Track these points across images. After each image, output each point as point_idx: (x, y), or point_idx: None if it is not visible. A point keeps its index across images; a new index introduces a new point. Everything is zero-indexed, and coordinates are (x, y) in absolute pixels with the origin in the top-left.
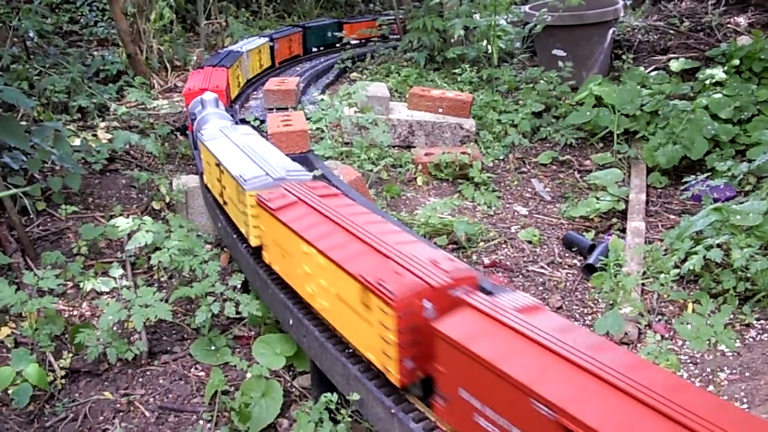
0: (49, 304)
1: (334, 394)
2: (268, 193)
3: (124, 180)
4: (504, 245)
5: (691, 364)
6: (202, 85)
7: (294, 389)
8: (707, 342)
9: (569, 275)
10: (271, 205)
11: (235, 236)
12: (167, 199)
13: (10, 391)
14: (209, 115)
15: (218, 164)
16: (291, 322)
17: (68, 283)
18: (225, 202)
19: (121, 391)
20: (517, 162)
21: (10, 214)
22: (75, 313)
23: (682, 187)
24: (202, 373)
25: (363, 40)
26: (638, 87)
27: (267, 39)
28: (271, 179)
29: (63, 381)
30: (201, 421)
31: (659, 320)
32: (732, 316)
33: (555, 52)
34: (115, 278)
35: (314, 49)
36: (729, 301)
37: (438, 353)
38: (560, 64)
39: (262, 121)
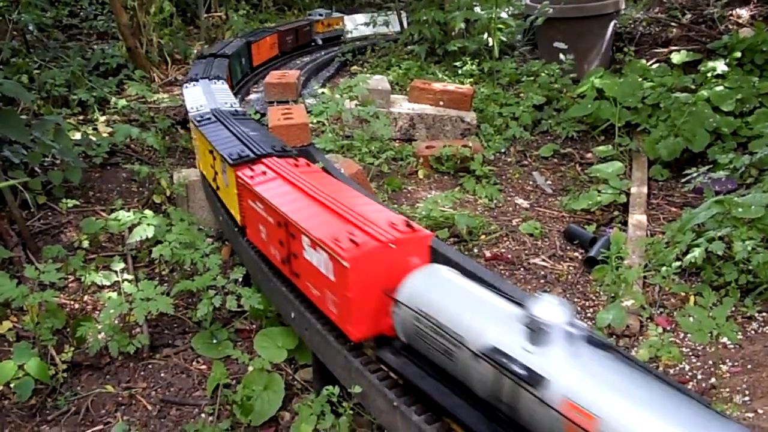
0: (50, 298)
1: (336, 386)
2: None
3: (125, 173)
4: (505, 238)
5: (693, 357)
6: (343, 210)
7: (296, 382)
8: (709, 334)
9: (571, 268)
10: None
11: (236, 229)
12: (168, 193)
13: (12, 385)
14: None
15: None
16: (293, 315)
17: (69, 276)
18: None
19: (123, 384)
20: (518, 155)
21: (11, 207)
22: (76, 306)
23: (683, 180)
24: (203, 367)
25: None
26: (640, 79)
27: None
28: None
29: (65, 375)
30: (203, 415)
31: (661, 313)
32: (734, 309)
33: (556, 44)
34: (116, 272)
35: (243, 83)
36: (731, 294)
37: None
38: (561, 56)
39: (263, 114)
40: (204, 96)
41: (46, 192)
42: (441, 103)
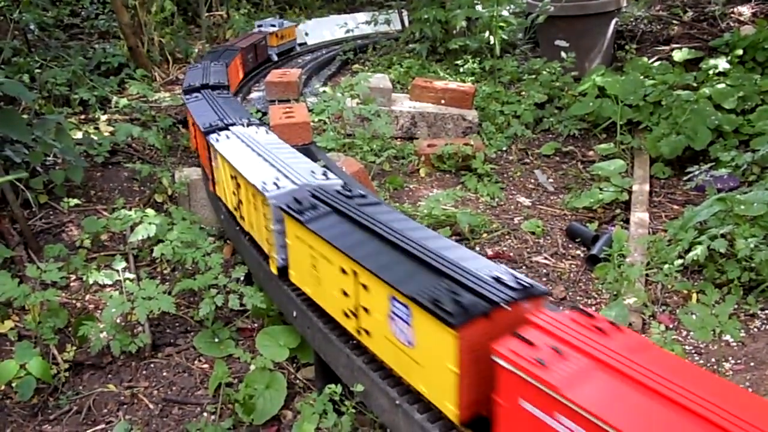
0: (52, 297)
1: (338, 385)
2: None
3: (126, 173)
4: (507, 236)
5: (695, 355)
6: None
7: (298, 381)
8: (712, 332)
9: (573, 266)
10: None
11: (237, 228)
12: (169, 192)
13: (14, 384)
14: None
15: None
16: (295, 314)
17: (71, 276)
18: None
19: (125, 383)
20: (519, 153)
21: (12, 207)
22: (78, 305)
23: (685, 178)
24: (205, 366)
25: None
26: (641, 77)
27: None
28: None
29: (67, 374)
30: (205, 414)
31: (663, 311)
32: (736, 306)
33: (557, 42)
34: (118, 271)
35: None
36: (733, 292)
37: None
38: (563, 54)
39: (264, 114)
40: (265, 162)
41: (47, 191)
42: (442, 101)
